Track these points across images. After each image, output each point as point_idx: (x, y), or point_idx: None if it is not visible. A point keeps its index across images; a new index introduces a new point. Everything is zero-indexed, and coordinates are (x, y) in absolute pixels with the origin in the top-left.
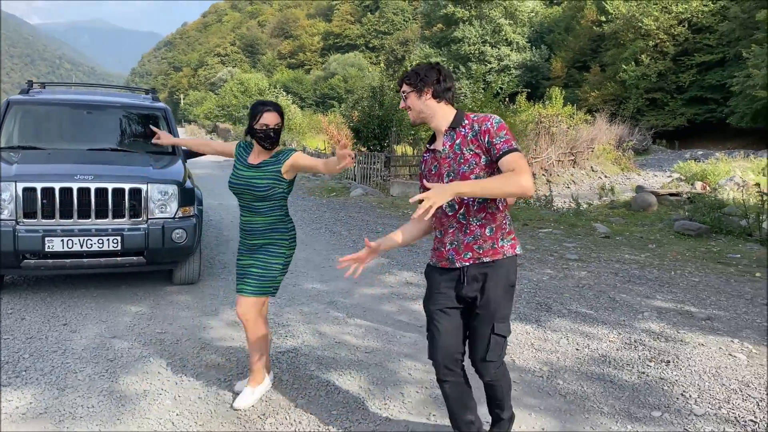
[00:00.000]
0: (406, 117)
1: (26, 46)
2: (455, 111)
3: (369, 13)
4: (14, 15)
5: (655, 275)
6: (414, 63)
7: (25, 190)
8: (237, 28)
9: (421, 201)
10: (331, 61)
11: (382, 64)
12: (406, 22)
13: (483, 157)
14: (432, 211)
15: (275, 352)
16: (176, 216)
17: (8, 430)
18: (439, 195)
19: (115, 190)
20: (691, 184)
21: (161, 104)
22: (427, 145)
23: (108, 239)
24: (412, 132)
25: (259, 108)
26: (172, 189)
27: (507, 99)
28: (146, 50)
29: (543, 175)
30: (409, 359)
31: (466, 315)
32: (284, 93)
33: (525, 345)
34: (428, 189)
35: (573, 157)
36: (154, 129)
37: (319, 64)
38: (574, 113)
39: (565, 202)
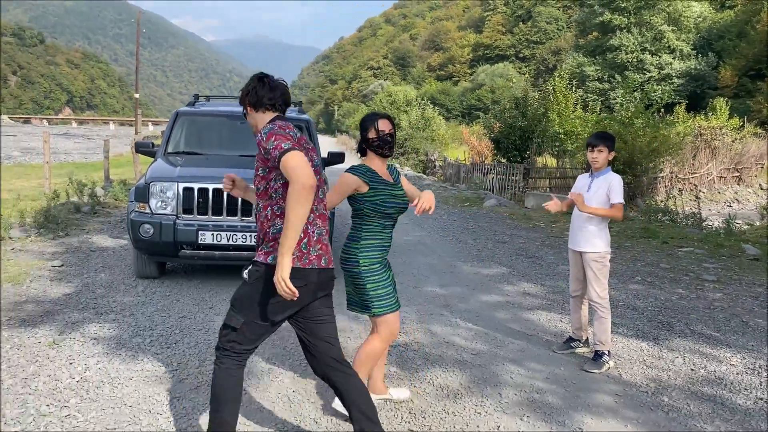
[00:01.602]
0: (551, 128)
1: (202, 62)
2: (271, 117)
3: (521, 23)
4: (193, 33)
5: None
6: (564, 72)
7: (185, 189)
8: (390, 41)
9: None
10: (480, 72)
11: (527, 75)
12: (560, 31)
13: (261, 168)
14: None
15: None
16: None
17: (157, 390)
18: None
19: None
20: None
21: (305, 116)
22: None
23: (251, 235)
24: (557, 143)
25: (372, 118)
26: None
27: (662, 110)
28: (306, 64)
29: (692, 190)
30: (513, 364)
31: None
32: (431, 105)
33: (636, 361)
34: None
35: (738, 174)
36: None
37: (467, 75)
38: (742, 125)
39: (722, 221)
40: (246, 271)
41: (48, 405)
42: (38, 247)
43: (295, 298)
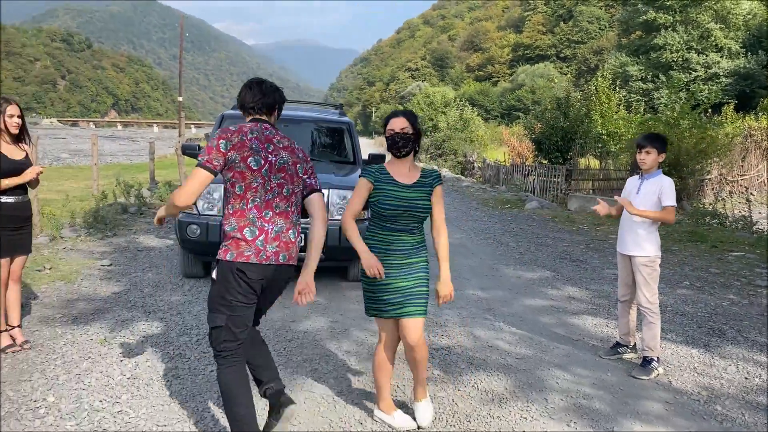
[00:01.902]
0: (594, 128)
1: (243, 65)
2: (251, 119)
3: (562, 23)
4: (235, 37)
5: None
6: (607, 72)
7: None
8: (428, 43)
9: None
10: (519, 72)
11: (569, 75)
12: (602, 31)
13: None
14: None
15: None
16: None
17: (204, 388)
18: None
19: None
20: None
21: (346, 119)
22: None
23: (300, 236)
24: (600, 144)
25: (389, 116)
26: (350, 194)
27: (710, 110)
28: (344, 66)
29: (742, 193)
30: (558, 369)
31: None
32: (470, 105)
33: (686, 368)
34: None
35: None
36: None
37: (506, 75)
38: None
39: None
40: (214, 271)
41: (101, 401)
42: (88, 246)
43: None
